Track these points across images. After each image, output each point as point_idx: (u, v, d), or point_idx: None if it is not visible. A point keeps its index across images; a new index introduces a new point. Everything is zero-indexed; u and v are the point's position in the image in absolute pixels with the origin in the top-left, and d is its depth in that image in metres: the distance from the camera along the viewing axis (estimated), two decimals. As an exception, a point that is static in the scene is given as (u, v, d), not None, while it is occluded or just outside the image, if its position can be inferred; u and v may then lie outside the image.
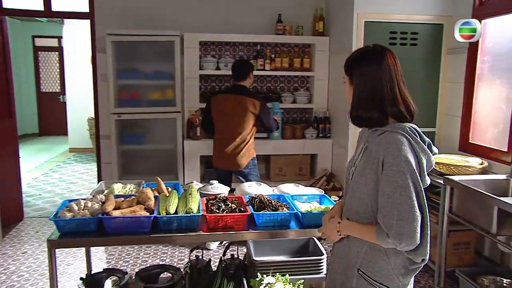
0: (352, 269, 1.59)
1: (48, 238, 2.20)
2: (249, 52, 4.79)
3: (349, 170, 1.65)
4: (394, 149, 1.44)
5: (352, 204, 1.60)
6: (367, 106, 1.53)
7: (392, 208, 1.41)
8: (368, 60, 1.55)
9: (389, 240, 1.43)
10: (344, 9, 4.21)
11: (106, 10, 4.47)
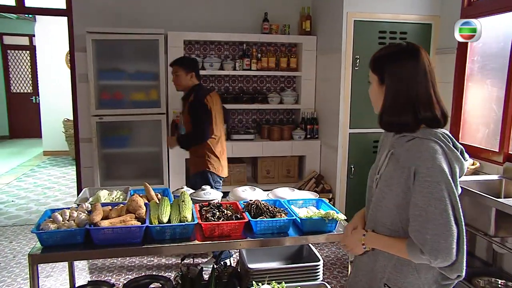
0: (378, 283, 1.49)
1: (30, 253, 2.03)
2: (234, 51, 4.67)
3: (372, 177, 1.56)
4: (427, 158, 1.33)
5: (378, 215, 1.49)
6: (401, 110, 1.40)
7: (426, 223, 1.30)
8: (404, 59, 1.42)
9: (423, 257, 1.32)
10: (332, 8, 4.15)
11: (85, 7, 4.26)
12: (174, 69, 3.37)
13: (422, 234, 1.31)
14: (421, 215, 1.31)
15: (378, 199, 1.48)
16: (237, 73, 4.53)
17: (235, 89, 4.75)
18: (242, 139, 4.42)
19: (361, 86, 3.96)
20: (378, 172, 1.51)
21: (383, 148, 1.57)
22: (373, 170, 1.57)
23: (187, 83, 3.36)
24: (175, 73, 3.37)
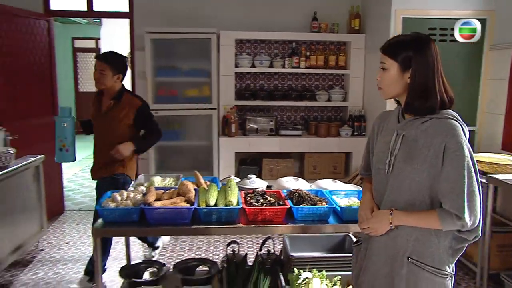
0: (401, 258, 1.57)
1: (93, 227, 2.28)
2: (284, 50, 4.79)
3: (384, 161, 1.61)
4: (454, 134, 1.46)
5: (401, 194, 1.56)
6: (429, 94, 1.51)
7: (462, 192, 1.44)
8: (427, 47, 1.52)
9: (458, 222, 1.46)
10: (381, 5, 4.16)
11: (145, 9, 4.58)
12: (101, 66, 2.95)
13: (458, 203, 1.44)
14: (456, 186, 1.44)
15: (398, 178, 1.56)
16: (286, 70, 4.65)
17: (284, 86, 4.87)
18: (290, 135, 4.53)
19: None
20: (391, 155, 1.58)
21: (385, 132, 1.67)
22: (383, 154, 1.63)
23: (112, 84, 3.00)
24: (100, 70, 2.95)
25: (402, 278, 1.56)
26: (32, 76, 4.41)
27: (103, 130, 3.08)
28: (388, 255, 1.61)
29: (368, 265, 1.69)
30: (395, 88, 1.58)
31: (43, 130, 4.50)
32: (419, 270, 1.54)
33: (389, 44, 1.59)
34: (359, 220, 1.72)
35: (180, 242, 4.06)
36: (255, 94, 4.66)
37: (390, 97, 1.63)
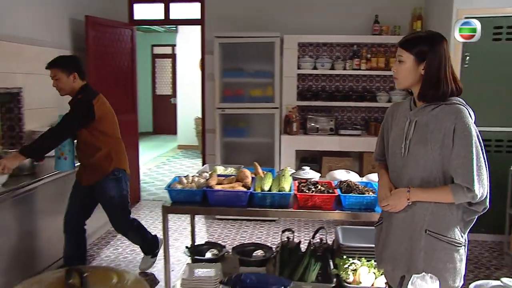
0: (419, 232, 1.73)
1: (163, 205, 2.63)
2: (345, 52, 4.93)
3: (400, 145, 1.78)
4: (461, 117, 1.64)
5: (416, 173, 1.73)
6: (441, 83, 1.68)
7: (471, 166, 1.61)
8: (439, 42, 1.70)
9: (469, 195, 1.63)
10: (443, 6, 4.16)
11: (215, 16, 4.98)
12: (52, 72, 2.94)
13: (469, 177, 1.61)
14: (465, 161, 1.62)
15: (415, 160, 1.72)
16: (347, 72, 4.78)
17: (345, 88, 5.01)
18: (349, 134, 4.65)
19: (473, 84, 3.91)
20: (406, 139, 1.75)
21: (398, 120, 1.85)
22: (398, 138, 1.80)
23: (71, 86, 2.96)
24: (53, 77, 2.94)
25: (421, 250, 1.72)
26: (117, 78, 4.98)
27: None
28: (407, 230, 1.77)
29: (390, 241, 1.84)
30: (410, 79, 1.74)
31: (125, 126, 5.04)
32: (436, 241, 1.71)
33: (406, 39, 1.76)
34: (379, 199, 1.88)
35: (242, 230, 4.36)
36: (316, 95, 4.85)
37: (405, 86, 1.81)
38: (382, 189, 1.88)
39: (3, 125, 3.57)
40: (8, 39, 3.48)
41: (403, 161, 1.78)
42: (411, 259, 1.73)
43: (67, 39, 4.39)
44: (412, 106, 1.81)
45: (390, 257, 1.81)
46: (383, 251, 1.87)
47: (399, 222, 1.80)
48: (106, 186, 3.09)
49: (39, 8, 3.94)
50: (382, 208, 1.87)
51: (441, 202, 1.70)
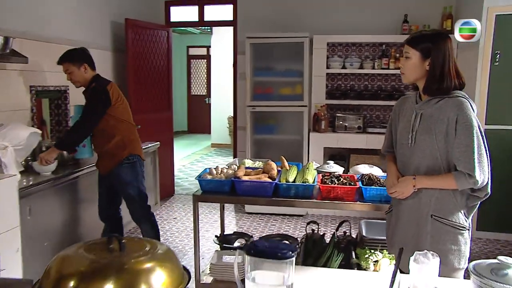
0: (425, 217, 1.85)
1: (193, 194, 2.83)
2: (374, 52, 5.00)
3: (406, 136, 1.90)
4: (463, 109, 1.76)
5: (422, 162, 1.85)
6: (445, 77, 1.80)
7: (472, 154, 1.73)
8: (444, 39, 1.82)
9: (471, 181, 1.73)
10: (473, 4, 4.17)
11: (247, 17, 5.17)
12: (64, 67, 3.07)
13: (470, 164, 1.72)
14: (467, 150, 1.73)
15: (421, 149, 1.84)
16: (375, 71, 4.85)
17: (373, 87, 5.07)
18: (376, 132, 4.72)
19: (503, 81, 3.91)
20: (412, 131, 1.87)
21: (405, 113, 1.96)
22: (405, 130, 1.91)
23: (83, 77, 3.09)
24: (66, 71, 3.08)
25: (428, 234, 1.84)
26: (154, 77, 5.26)
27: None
28: (414, 215, 1.89)
29: (399, 226, 1.96)
30: (416, 74, 1.85)
31: (160, 124, 5.35)
32: (441, 225, 1.82)
33: (412, 37, 1.88)
34: (387, 187, 2.00)
35: (269, 225, 4.52)
36: (345, 94, 4.95)
37: (411, 81, 1.91)
38: (390, 177, 2.00)
39: (52, 119, 3.89)
40: (56, 41, 3.79)
41: (410, 151, 1.89)
42: (418, 243, 1.84)
43: (108, 41, 4.69)
44: (418, 100, 1.92)
45: (400, 241, 1.92)
46: (393, 237, 1.99)
47: (407, 208, 1.91)
48: (121, 172, 3.17)
49: (84, 12, 4.25)
50: (390, 195, 1.99)
51: (446, 189, 1.81)
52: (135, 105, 4.89)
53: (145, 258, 1.26)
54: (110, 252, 1.27)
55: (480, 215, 4.14)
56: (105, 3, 4.61)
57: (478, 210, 3.66)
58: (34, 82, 3.51)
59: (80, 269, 1.18)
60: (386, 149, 2.16)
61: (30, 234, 2.67)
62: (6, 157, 2.72)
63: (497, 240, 4.10)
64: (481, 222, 4.15)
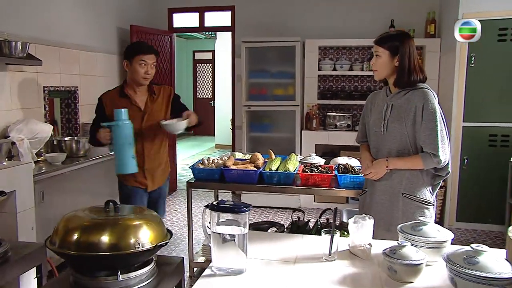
0: (397, 195, 2.11)
1: (187, 181, 3.17)
2: (363, 55, 5.31)
3: (379, 125, 2.15)
4: (428, 98, 2.03)
5: (393, 146, 2.11)
6: (412, 72, 2.07)
7: (436, 137, 2.00)
8: (407, 39, 2.09)
9: (435, 160, 2.01)
10: (452, 10, 4.46)
11: (244, 23, 5.52)
12: (153, 58, 2.71)
13: (435, 145, 2.00)
14: (431, 133, 2.01)
15: (391, 135, 2.10)
16: (365, 73, 5.16)
17: (363, 87, 5.38)
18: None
19: (479, 82, 4.20)
20: (383, 120, 2.12)
21: (376, 106, 2.22)
22: (378, 120, 2.16)
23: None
24: (153, 63, 2.71)
25: (399, 210, 2.11)
26: (158, 80, 5.61)
27: (147, 132, 2.73)
28: (388, 194, 2.15)
29: (373, 204, 2.21)
30: (386, 70, 2.13)
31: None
32: (411, 202, 2.09)
33: (381, 37, 2.16)
34: (363, 169, 2.27)
35: (263, 217, 4.83)
36: (336, 94, 5.26)
37: (382, 77, 2.18)
38: (365, 161, 2.26)
39: (62, 117, 4.27)
40: (68, 46, 4.18)
41: (383, 137, 2.14)
42: (391, 218, 2.11)
43: (114, 45, 5.07)
44: (388, 93, 2.19)
45: (374, 217, 2.08)
46: (368, 214, 2.21)
47: (381, 188, 2.17)
48: (167, 184, 3.08)
49: (92, 19, 4.64)
50: (366, 177, 2.24)
51: (414, 169, 2.08)
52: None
53: (134, 217, 1.61)
54: (107, 213, 1.62)
55: (459, 207, 4.42)
56: (111, 11, 4.99)
57: (457, 203, 4.12)
58: (47, 83, 3.89)
59: (83, 224, 1.53)
60: (361, 139, 2.40)
61: (42, 216, 3.02)
62: (22, 147, 3.09)
63: (474, 230, 4.36)
64: (460, 214, 4.41)
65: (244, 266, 1.50)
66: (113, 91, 2.81)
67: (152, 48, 2.76)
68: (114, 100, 2.72)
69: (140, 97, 2.76)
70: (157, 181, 2.88)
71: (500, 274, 1.21)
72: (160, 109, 2.80)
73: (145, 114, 2.74)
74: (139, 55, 2.64)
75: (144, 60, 2.65)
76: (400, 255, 1.43)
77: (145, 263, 1.56)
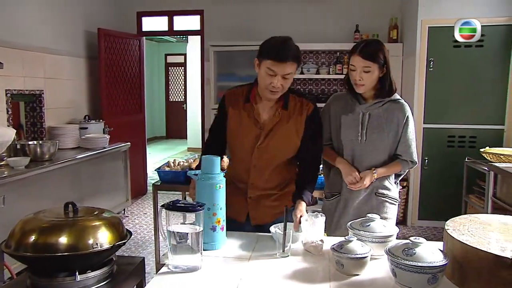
0: (370, 195, 2.19)
1: (153, 183, 3.20)
2: (330, 59, 5.45)
3: (355, 134, 2.13)
4: (408, 110, 2.15)
5: (376, 156, 2.15)
6: (390, 82, 2.09)
7: (413, 146, 2.17)
8: (384, 46, 2.09)
9: (411, 165, 2.20)
10: (412, 16, 4.65)
11: (213, 27, 5.58)
12: (292, 67, 1.91)
13: (412, 153, 2.17)
14: (410, 143, 2.16)
15: (373, 144, 2.13)
16: (331, 76, 5.29)
17: (330, 91, 5.51)
18: (331, 132, 5.15)
19: (437, 85, 4.38)
20: (361, 128, 2.12)
21: (346, 111, 2.16)
22: (353, 128, 2.13)
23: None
24: (287, 75, 1.92)
25: (373, 208, 2.14)
26: (126, 83, 5.61)
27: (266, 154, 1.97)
28: (364, 196, 2.19)
29: (349, 209, 2.20)
30: (374, 83, 2.07)
31: (133, 126, 5.70)
32: (383, 200, 2.20)
33: (369, 52, 2.03)
34: (350, 182, 2.13)
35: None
36: (303, 97, 5.37)
37: (368, 90, 2.09)
38: (350, 173, 2.13)
39: (27, 121, 4.21)
40: (32, 49, 4.13)
41: (362, 146, 2.14)
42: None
43: (81, 49, 5.04)
44: (361, 100, 2.13)
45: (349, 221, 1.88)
46: (341, 218, 2.21)
47: (358, 192, 2.17)
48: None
49: (59, 22, 4.60)
50: (353, 189, 2.14)
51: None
52: (107, 108, 5.24)
53: (93, 218, 1.64)
54: (66, 214, 1.65)
55: (420, 206, 4.59)
56: (78, 14, 4.96)
57: (419, 202, 4.25)
58: (9, 86, 3.84)
59: (41, 225, 1.55)
60: (324, 141, 2.23)
61: (3, 222, 2.97)
62: (-17, 152, 3.05)
63: (435, 227, 4.54)
64: (422, 212, 4.59)
65: (199, 263, 1.56)
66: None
67: (293, 56, 1.93)
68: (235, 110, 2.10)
69: (267, 109, 2.04)
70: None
71: (432, 263, 1.31)
72: (294, 130, 2.02)
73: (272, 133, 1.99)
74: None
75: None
76: (347, 249, 1.52)
77: (104, 264, 1.58)
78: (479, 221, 1.57)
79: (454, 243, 1.40)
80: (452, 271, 1.41)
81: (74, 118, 4.81)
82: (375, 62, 2.02)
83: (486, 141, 4.26)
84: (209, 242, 1.72)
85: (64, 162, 3.73)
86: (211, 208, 1.71)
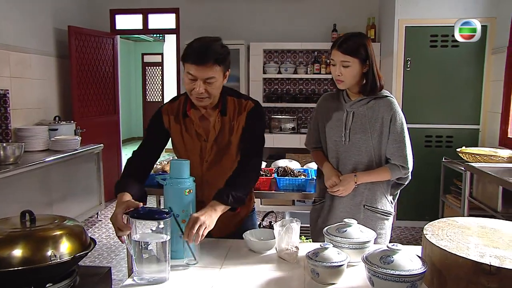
0: (358, 207, 2.00)
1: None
2: (308, 58, 5.40)
3: (339, 134, 2.00)
4: (396, 109, 1.94)
5: (359, 158, 1.97)
6: (374, 78, 1.93)
7: (404, 149, 1.93)
8: (368, 40, 1.93)
9: (403, 171, 1.94)
10: (389, 16, 4.64)
11: (189, 25, 5.45)
12: (208, 71, 1.75)
13: (404, 157, 1.92)
14: (400, 145, 1.92)
15: (355, 146, 1.97)
16: (309, 76, 5.24)
17: (307, 90, 5.47)
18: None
19: (414, 85, 4.38)
20: (345, 129, 1.97)
21: (332, 110, 2.04)
22: (337, 129, 2.00)
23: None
24: (208, 79, 1.77)
25: (360, 222, 1.83)
26: (99, 82, 5.44)
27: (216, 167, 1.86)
28: (349, 206, 2.02)
29: (333, 216, 2.04)
30: (356, 79, 1.92)
31: (107, 126, 5.53)
32: (372, 214, 2.00)
33: (348, 45, 1.88)
34: (329, 186, 2.02)
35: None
36: (281, 97, 5.31)
37: (349, 86, 1.95)
38: (331, 176, 2.01)
39: (-9, 122, 4.02)
40: (-4, 46, 3.95)
41: (345, 148, 1.99)
42: None
43: (51, 47, 4.85)
44: (346, 99, 2.01)
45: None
46: (324, 224, 2.00)
47: (343, 200, 2.02)
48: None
49: (26, 19, 4.40)
50: (333, 194, 2.02)
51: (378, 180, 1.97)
52: (79, 109, 5.06)
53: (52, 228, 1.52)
54: (22, 224, 1.52)
55: (399, 206, 4.58)
56: (46, 10, 4.77)
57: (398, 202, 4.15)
58: (-27, 85, 3.65)
59: (-7, 237, 1.42)
60: (312, 145, 2.18)
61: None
62: None
63: (413, 227, 4.54)
64: (401, 212, 4.58)
65: (166, 274, 1.46)
66: None
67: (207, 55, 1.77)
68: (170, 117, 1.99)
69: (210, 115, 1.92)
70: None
71: (411, 271, 1.24)
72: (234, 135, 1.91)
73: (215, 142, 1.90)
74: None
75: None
76: (322, 257, 1.44)
77: (65, 276, 1.47)
78: (457, 225, 1.52)
79: (433, 249, 1.34)
80: (431, 277, 1.36)
81: (43, 119, 4.63)
82: (355, 56, 1.87)
83: (462, 141, 4.28)
84: (178, 251, 1.60)
85: (31, 166, 3.56)
86: (180, 215, 1.59)
